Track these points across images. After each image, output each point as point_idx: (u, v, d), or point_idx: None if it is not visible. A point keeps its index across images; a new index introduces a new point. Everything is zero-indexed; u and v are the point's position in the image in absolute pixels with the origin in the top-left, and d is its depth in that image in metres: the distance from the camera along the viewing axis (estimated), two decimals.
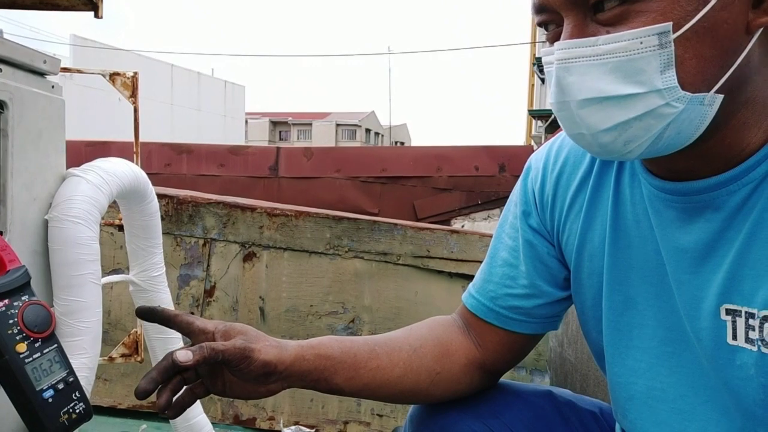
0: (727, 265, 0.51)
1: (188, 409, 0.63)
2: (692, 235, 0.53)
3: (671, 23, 0.45)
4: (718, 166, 0.51)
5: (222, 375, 0.62)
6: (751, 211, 0.50)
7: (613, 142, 0.49)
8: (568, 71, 0.48)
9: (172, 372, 0.58)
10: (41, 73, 0.80)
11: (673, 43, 0.45)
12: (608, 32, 0.47)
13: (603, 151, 0.51)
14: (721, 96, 0.47)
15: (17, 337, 0.58)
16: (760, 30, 0.47)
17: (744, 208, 0.50)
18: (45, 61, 0.79)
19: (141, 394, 0.57)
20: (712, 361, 0.53)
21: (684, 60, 0.46)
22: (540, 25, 0.53)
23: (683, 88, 0.46)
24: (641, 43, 0.46)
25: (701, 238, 0.53)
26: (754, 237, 0.49)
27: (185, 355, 0.56)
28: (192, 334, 0.62)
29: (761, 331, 0.49)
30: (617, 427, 0.70)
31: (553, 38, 0.51)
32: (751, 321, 0.49)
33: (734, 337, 0.51)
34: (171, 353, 0.61)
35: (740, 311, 0.50)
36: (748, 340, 0.50)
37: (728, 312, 0.51)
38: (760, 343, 0.49)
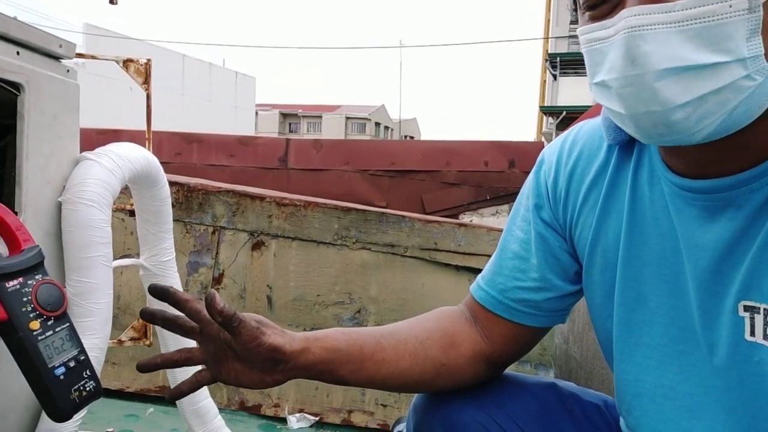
0: (747, 263, 0.50)
1: (195, 393, 0.64)
2: (714, 233, 0.53)
3: None
4: (746, 160, 0.50)
5: (228, 362, 0.62)
6: None
7: (687, 119, 0.45)
8: (644, 39, 0.44)
9: (177, 365, 0.61)
10: (57, 57, 0.80)
11: (762, 8, 0.42)
12: None
13: (668, 132, 0.46)
14: None
15: (31, 315, 0.59)
16: None
17: (766, 205, 0.49)
18: (61, 46, 0.79)
19: (141, 367, 0.61)
20: (728, 358, 0.53)
21: None
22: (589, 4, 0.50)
23: (766, 59, 0.43)
24: (730, 6, 0.42)
25: (723, 237, 0.52)
26: None
27: (219, 299, 0.56)
28: (200, 322, 0.63)
29: None
30: (621, 421, 0.70)
31: (599, 16, 0.48)
32: None
33: (752, 334, 0.50)
34: (186, 349, 0.62)
35: (759, 308, 0.50)
36: (766, 336, 0.49)
37: (747, 308, 0.51)
38: None
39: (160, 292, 0.64)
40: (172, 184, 1.69)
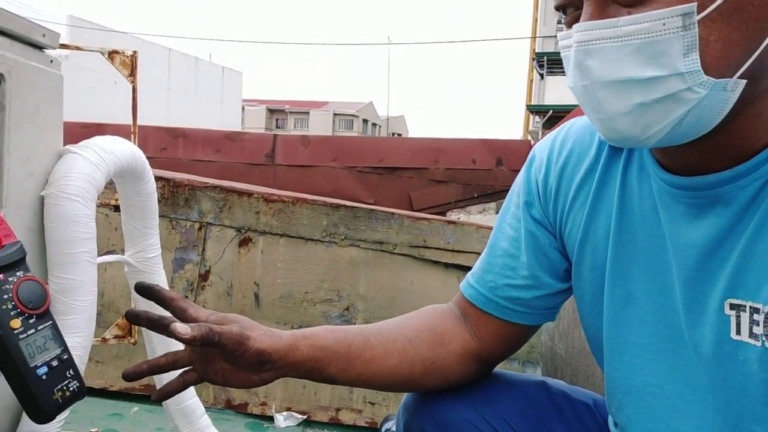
0: (734, 260, 0.50)
1: (181, 393, 0.63)
2: (701, 230, 0.53)
3: (696, 3, 0.43)
4: (729, 159, 0.51)
5: (215, 362, 0.62)
6: (760, 205, 0.49)
7: (632, 126, 0.48)
8: (588, 54, 0.47)
9: (163, 370, 0.60)
10: (40, 47, 0.78)
11: (697, 25, 0.44)
12: (629, 13, 0.46)
13: (621, 137, 0.49)
14: (744, 82, 0.45)
15: (11, 313, 0.58)
16: None
17: (754, 203, 0.49)
18: (44, 35, 0.77)
19: (127, 376, 0.60)
20: (713, 357, 0.52)
21: (708, 43, 0.44)
22: (558, 9, 0.52)
23: (706, 73, 0.44)
24: (664, 24, 0.44)
25: (709, 234, 0.52)
26: (762, 231, 0.49)
27: (184, 329, 0.56)
28: (184, 321, 0.62)
29: (766, 326, 0.48)
30: (610, 419, 0.70)
31: (572, 22, 0.50)
32: (755, 316, 0.49)
33: (738, 332, 0.50)
34: (172, 353, 0.61)
35: (745, 306, 0.50)
36: (752, 335, 0.49)
37: (732, 307, 0.51)
38: (764, 338, 0.49)
39: (145, 290, 0.63)
40: (157, 179, 1.66)
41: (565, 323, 1.75)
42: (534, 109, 15.06)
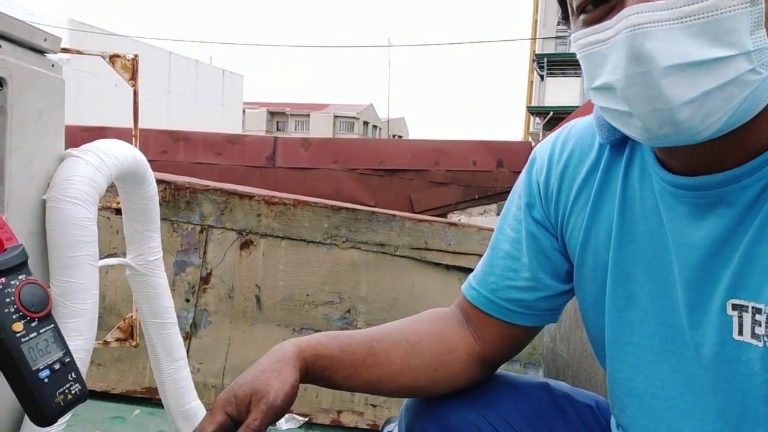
0: (736, 261, 0.50)
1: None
2: (703, 231, 0.52)
3: None
4: (736, 159, 0.50)
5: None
6: (763, 206, 0.49)
7: (692, 116, 0.45)
8: (647, 37, 0.44)
9: None
10: (41, 51, 0.78)
11: (764, 0, 0.42)
12: None
13: (674, 131, 0.46)
14: None
15: (14, 316, 0.58)
16: None
17: (756, 203, 0.49)
18: (45, 39, 0.77)
19: None
20: (715, 358, 0.52)
21: None
22: (579, 7, 0.50)
23: None
24: None
25: (712, 234, 0.52)
26: (764, 231, 0.49)
27: None
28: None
29: None
30: (612, 421, 0.70)
31: (593, 20, 0.48)
32: (758, 316, 0.49)
33: (740, 333, 0.50)
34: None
35: (747, 306, 0.50)
36: (754, 335, 0.49)
37: (735, 307, 0.50)
38: (766, 338, 0.48)
39: None
40: (159, 182, 1.67)
41: (567, 325, 1.75)
42: (534, 111, 15.06)
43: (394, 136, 36.40)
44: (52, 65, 0.80)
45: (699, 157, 0.52)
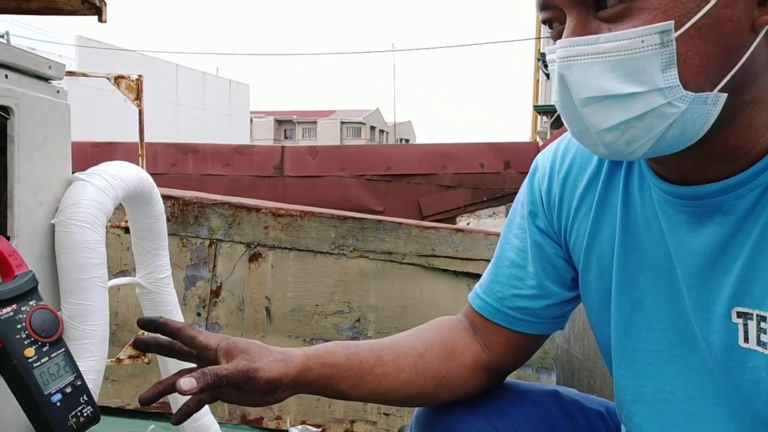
0: (738, 269, 0.50)
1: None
2: (702, 239, 0.53)
3: (673, 21, 0.44)
4: (725, 166, 0.51)
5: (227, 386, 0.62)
6: (760, 214, 0.49)
7: (616, 141, 0.48)
8: (570, 69, 0.47)
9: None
10: (46, 79, 0.80)
11: (674, 42, 0.45)
12: (610, 30, 0.46)
13: (606, 151, 0.50)
14: (725, 95, 0.46)
15: (25, 342, 0.59)
16: (766, 28, 0.46)
17: (753, 211, 0.50)
18: (50, 67, 0.79)
19: (144, 401, 0.60)
20: (722, 364, 0.52)
21: (686, 58, 0.45)
22: (544, 22, 0.53)
23: (686, 88, 0.45)
24: (642, 41, 0.45)
25: (711, 242, 0.52)
26: (765, 240, 0.49)
27: (189, 383, 0.57)
28: (195, 349, 0.63)
29: None
30: (623, 428, 0.70)
31: (557, 36, 0.51)
32: (763, 324, 0.49)
33: (746, 340, 0.50)
34: (186, 371, 0.61)
35: (752, 314, 0.50)
36: (760, 342, 0.49)
37: (739, 315, 0.51)
38: None
39: (149, 324, 0.64)
40: (166, 198, 1.69)
41: (581, 325, 1.73)
42: (541, 110, 15.00)
43: (401, 139, 36.43)
44: (57, 91, 0.82)
45: (684, 165, 0.53)
